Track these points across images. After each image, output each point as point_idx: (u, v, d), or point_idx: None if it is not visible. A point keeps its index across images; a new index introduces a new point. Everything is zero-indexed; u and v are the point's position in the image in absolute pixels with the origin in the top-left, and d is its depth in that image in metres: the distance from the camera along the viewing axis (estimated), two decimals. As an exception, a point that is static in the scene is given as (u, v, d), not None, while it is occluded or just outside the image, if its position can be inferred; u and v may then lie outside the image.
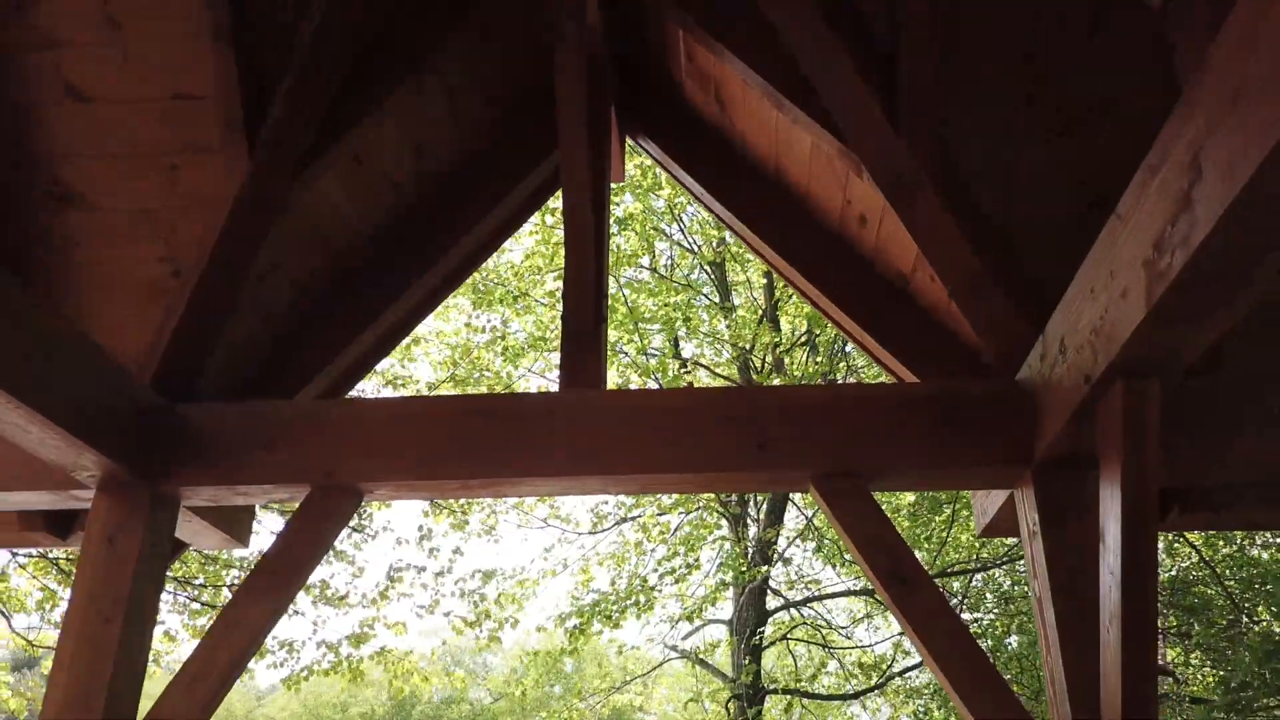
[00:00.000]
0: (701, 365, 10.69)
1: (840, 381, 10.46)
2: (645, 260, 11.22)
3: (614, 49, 3.67)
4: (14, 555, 8.24)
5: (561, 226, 9.21)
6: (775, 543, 11.25)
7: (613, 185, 4.10)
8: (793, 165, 3.46)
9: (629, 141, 4.12)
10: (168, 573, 2.97)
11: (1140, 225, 1.97)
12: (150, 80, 2.97)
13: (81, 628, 2.73)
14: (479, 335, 10.36)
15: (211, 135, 2.97)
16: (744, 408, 2.77)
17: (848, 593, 11.95)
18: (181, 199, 3.04)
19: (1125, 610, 2.21)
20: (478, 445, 2.82)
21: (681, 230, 11.62)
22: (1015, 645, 11.43)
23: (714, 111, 3.68)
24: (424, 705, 27.16)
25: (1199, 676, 12.22)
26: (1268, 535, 11.10)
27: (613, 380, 10.32)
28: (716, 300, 11.32)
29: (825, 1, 2.74)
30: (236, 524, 3.41)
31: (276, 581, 2.83)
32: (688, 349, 11.42)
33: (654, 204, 10.92)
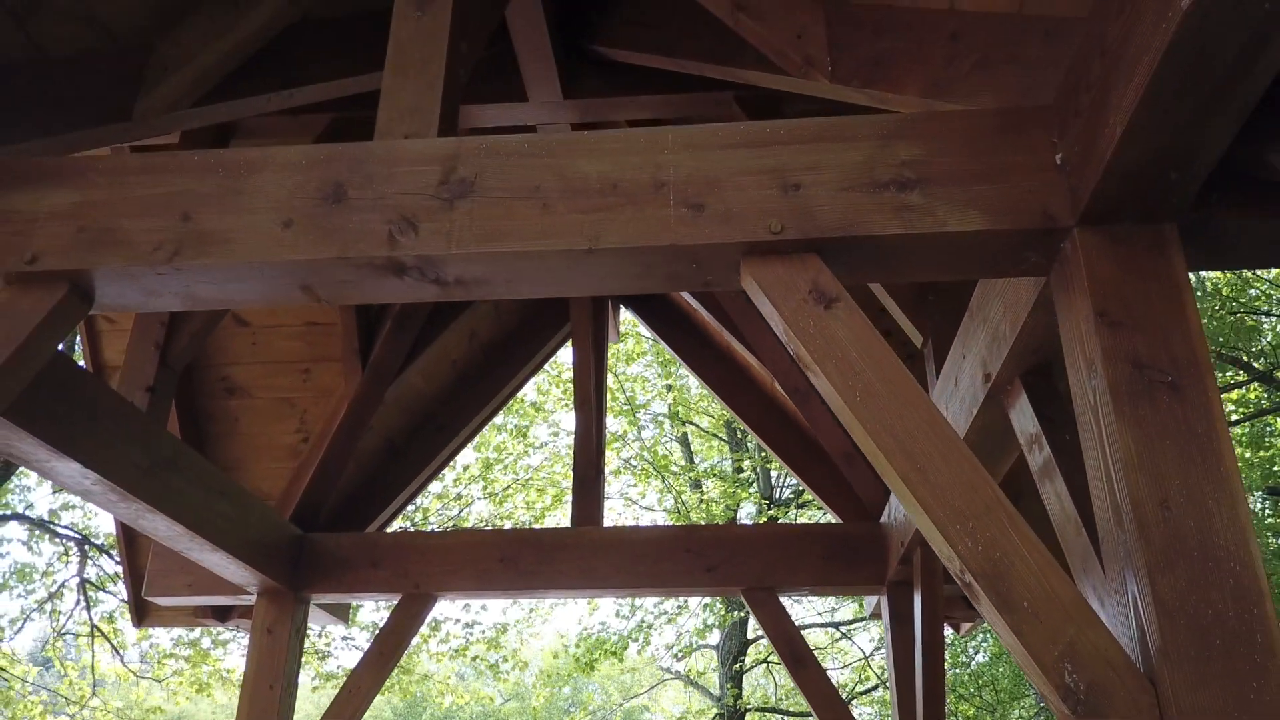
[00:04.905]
0: (691, 424, 12.12)
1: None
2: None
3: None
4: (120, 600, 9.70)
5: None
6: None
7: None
8: (737, 348, 4.83)
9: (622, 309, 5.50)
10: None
11: (918, 464, 3.33)
12: (292, 311, 4.35)
13: (254, 693, 4.08)
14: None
15: (335, 350, 4.35)
16: (697, 541, 4.13)
17: (823, 624, 13.35)
18: (312, 391, 4.42)
19: (925, 683, 3.56)
20: (517, 566, 4.18)
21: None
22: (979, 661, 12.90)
23: (684, 303, 5.04)
24: (433, 707, 28.31)
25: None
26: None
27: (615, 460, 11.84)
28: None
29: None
30: (342, 611, 4.78)
31: (382, 658, 4.20)
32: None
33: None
